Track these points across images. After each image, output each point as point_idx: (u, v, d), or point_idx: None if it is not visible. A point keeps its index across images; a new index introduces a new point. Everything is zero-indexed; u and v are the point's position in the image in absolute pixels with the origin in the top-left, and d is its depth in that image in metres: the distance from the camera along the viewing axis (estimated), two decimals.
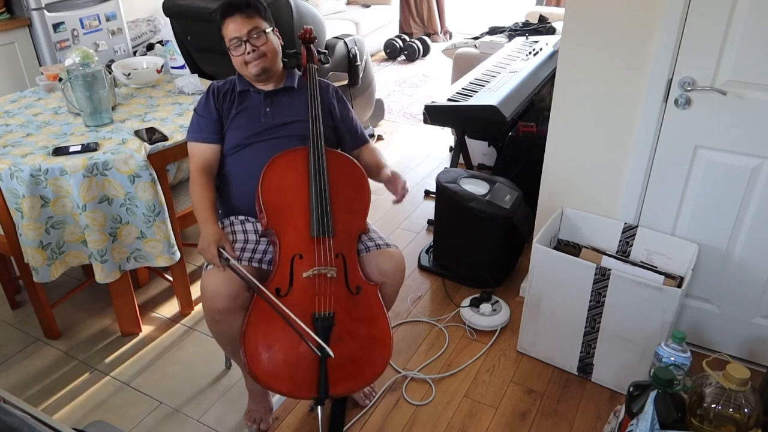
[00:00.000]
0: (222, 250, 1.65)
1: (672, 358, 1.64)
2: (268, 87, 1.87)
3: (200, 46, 3.17)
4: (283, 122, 1.84)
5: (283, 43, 1.89)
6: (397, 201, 1.84)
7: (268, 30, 1.81)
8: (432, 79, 5.32)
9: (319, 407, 1.69)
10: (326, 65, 3.37)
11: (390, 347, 1.71)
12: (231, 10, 1.79)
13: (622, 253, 2.15)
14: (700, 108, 1.85)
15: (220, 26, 1.82)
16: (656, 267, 2.04)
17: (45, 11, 3.43)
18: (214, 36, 1.88)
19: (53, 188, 1.96)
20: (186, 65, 3.00)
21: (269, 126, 1.83)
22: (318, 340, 1.57)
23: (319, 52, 1.99)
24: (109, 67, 2.58)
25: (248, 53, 1.78)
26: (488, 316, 2.32)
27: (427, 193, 3.34)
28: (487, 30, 3.90)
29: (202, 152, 1.84)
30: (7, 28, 3.37)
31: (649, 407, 1.40)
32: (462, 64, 3.46)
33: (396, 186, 1.85)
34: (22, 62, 3.46)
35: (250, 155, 1.82)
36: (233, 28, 1.78)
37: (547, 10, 4.38)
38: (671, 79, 1.85)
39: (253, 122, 1.83)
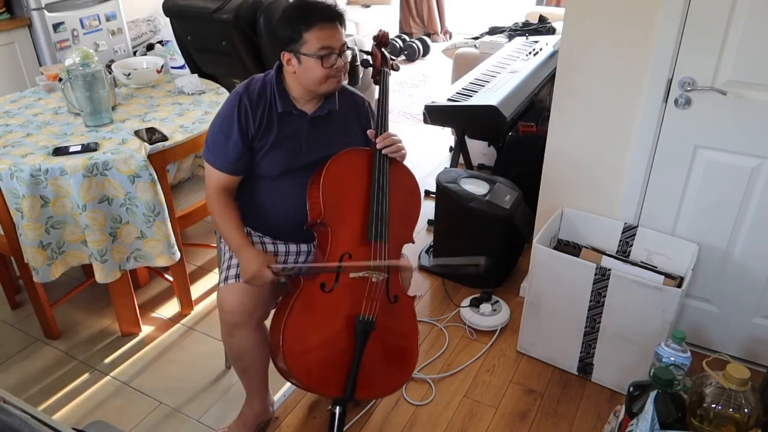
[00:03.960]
0: (271, 268, 1.60)
1: (672, 358, 1.64)
2: (312, 108, 1.69)
3: (200, 46, 3.17)
4: (324, 156, 1.69)
5: None
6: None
7: None
8: (432, 79, 5.32)
9: (338, 407, 1.65)
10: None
11: (415, 359, 1.75)
12: (330, 17, 1.56)
13: (622, 253, 2.15)
14: (700, 108, 1.85)
15: (301, 28, 1.55)
16: (656, 267, 2.04)
17: (45, 11, 3.43)
18: (214, 36, 1.82)
19: (53, 188, 1.96)
20: (186, 65, 3.00)
21: (309, 157, 1.69)
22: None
23: (391, 58, 1.90)
24: (109, 67, 2.58)
25: (336, 68, 1.59)
26: (488, 316, 2.32)
27: (427, 193, 3.33)
28: (487, 30, 3.90)
29: (219, 177, 1.68)
30: (7, 28, 3.36)
31: (649, 407, 1.40)
32: (462, 64, 3.46)
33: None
34: (22, 62, 3.46)
35: (286, 185, 1.70)
36: (330, 36, 1.56)
37: (547, 10, 4.38)
38: (671, 79, 1.85)
39: (294, 152, 1.68)
